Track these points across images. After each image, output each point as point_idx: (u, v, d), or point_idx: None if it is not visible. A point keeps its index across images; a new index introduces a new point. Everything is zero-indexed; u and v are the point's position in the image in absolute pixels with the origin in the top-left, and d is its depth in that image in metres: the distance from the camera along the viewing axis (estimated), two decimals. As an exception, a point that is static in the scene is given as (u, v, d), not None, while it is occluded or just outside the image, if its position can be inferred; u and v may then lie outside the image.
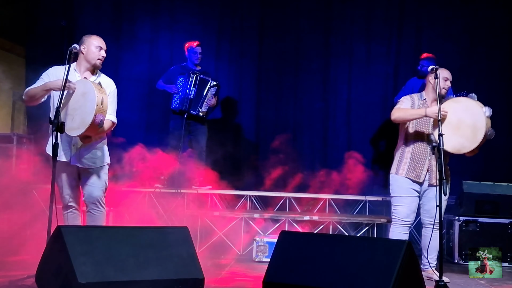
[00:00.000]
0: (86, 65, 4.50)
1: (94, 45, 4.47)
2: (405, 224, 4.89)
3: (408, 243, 3.23)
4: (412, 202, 4.88)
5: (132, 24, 8.12)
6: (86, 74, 4.51)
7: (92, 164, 4.51)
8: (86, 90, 4.24)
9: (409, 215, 4.88)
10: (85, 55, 4.47)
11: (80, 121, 4.21)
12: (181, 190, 6.85)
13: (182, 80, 6.96)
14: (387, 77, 7.88)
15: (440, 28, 7.83)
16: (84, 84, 4.31)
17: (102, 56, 4.50)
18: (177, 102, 6.95)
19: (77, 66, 4.52)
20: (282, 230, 4.53)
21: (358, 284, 3.16)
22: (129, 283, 3.17)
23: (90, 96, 4.19)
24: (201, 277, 3.42)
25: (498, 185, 6.34)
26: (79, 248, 3.12)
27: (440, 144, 4.17)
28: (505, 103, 7.69)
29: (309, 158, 7.87)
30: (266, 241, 5.83)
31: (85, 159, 4.48)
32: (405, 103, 4.93)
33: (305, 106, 7.99)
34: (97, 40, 4.51)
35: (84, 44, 4.47)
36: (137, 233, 3.47)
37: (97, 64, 4.50)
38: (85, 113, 4.19)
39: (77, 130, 4.24)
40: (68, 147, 4.43)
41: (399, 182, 4.92)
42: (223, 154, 7.64)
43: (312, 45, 8.04)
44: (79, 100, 4.25)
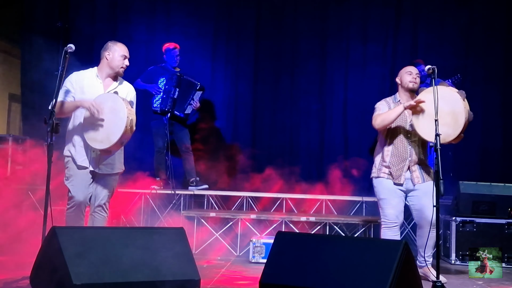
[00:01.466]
0: (108, 72, 4.54)
1: (119, 53, 4.52)
2: (395, 226, 4.87)
3: (405, 243, 3.22)
4: (399, 203, 4.86)
5: (128, 25, 8.11)
6: (108, 80, 4.55)
7: (110, 170, 4.56)
8: (117, 107, 4.29)
9: (397, 216, 4.86)
10: (109, 62, 4.52)
11: (105, 136, 4.28)
12: (178, 191, 6.83)
13: (164, 81, 6.94)
14: (383, 79, 7.88)
15: (436, 30, 7.84)
16: (115, 100, 4.34)
17: (125, 64, 4.56)
18: (158, 102, 6.93)
19: (99, 71, 4.56)
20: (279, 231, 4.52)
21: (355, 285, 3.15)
22: (125, 285, 3.15)
23: (121, 115, 4.25)
24: (197, 278, 3.40)
25: (495, 186, 6.34)
26: (74, 249, 3.10)
27: (437, 144, 4.16)
28: (500, 104, 7.71)
29: (306, 159, 7.86)
30: (263, 242, 5.81)
31: (103, 165, 4.52)
32: (382, 109, 4.91)
33: (302, 107, 7.98)
34: (122, 48, 4.55)
35: (109, 51, 4.52)
36: (133, 234, 3.46)
37: (120, 72, 4.55)
38: (112, 130, 4.25)
39: (100, 144, 4.31)
40: (89, 152, 4.47)
41: (382, 184, 4.90)
42: (219, 155, 7.64)
43: (308, 47, 8.03)
44: (107, 114, 4.29)
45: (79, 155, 4.47)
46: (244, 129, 8.01)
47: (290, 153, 7.88)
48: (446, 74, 7.04)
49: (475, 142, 7.50)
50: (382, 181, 4.89)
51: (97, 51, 7.99)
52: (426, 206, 4.70)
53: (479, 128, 7.63)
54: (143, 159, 7.52)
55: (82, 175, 4.48)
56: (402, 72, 4.98)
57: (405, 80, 4.89)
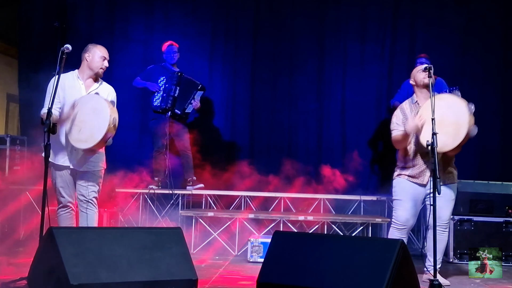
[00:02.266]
0: (89, 73, 4.67)
1: (99, 55, 4.68)
2: (403, 228, 4.79)
3: (401, 242, 3.22)
4: (413, 207, 4.77)
5: (126, 25, 8.10)
6: (89, 81, 4.68)
7: (91, 167, 4.64)
8: (99, 106, 4.42)
9: (408, 219, 4.77)
10: (88, 63, 4.66)
11: (88, 135, 4.39)
12: (175, 191, 6.83)
13: (164, 79, 6.94)
14: (381, 78, 7.88)
15: (434, 28, 7.84)
16: (97, 100, 4.49)
17: (105, 66, 4.72)
18: (159, 101, 6.92)
19: (79, 73, 4.69)
20: (276, 230, 4.53)
21: (352, 284, 3.15)
22: (122, 285, 3.14)
23: (103, 113, 4.37)
24: (194, 278, 3.40)
25: (493, 184, 6.34)
26: (71, 249, 3.10)
27: (433, 143, 4.15)
28: (498, 103, 7.72)
29: (304, 158, 7.85)
30: (261, 242, 5.81)
31: (84, 163, 4.60)
32: (397, 128, 4.77)
33: (300, 106, 7.97)
34: (101, 50, 4.70)
35: (89, 52, 4.67)
36: (130, 234, 3.45)
37: (100, 73, 4.69)
38: (95, 129, 4.37)
39: (84, 143, 4.42)
40: (69, 152, 4.56)
41: (401, 185, 4.81)
42: (217, 155, 7.64)
43: (306, 46, 8.03)
44: (90, 114, 4.41)
45: (60, 156, 4.57)
46: (242, 129, 8.01)
47: (288, 152, 7.88)
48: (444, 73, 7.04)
49: (473, 140, 7.46)
50: (401, 182, 4.81)
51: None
52: (441, 207, 4.60)
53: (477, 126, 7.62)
54: (141, 159, 7.52)
55: (64, 175, 4.60)
56: (414, 72, 4.86)
57: (419, 78, 4.78)
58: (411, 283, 3.36)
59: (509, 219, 6.07)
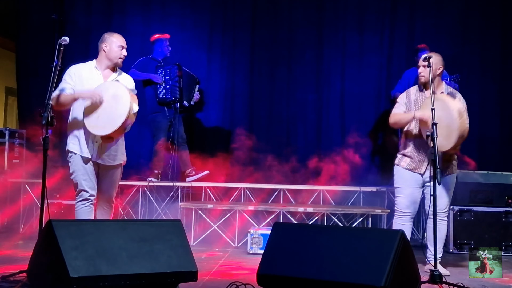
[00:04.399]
0: (107, 63, 4.53)
1: (116, 44, 4.52)
2: (405, 215, 4.84)
3: (402, 233, 3.22)
4: (412, 193, 4.82)
5: (123, 17, 8.07)
6: (106, 71, 4.55)
7: (112, 161, 4.55)
8: (119, 93, 4.33)
9: (408, 206, 4.82)
10: (106, 54, 4.51)
11: (107, 121, 4.29)
12: (175, 183, 6.82)
13: (162, 71, 6.89)
14: (380, 68, 7.86)
15: (433, 18, 7.81)
16: (117, 87, 4.39)
17: (123, 55, 4.56)
18: (163, 93, 6.86)
19: (97, 63, 4.56)
20: (276, 221, 4.52)
21: (353, 275, 3.15)
22: (122, 277, 3.14)
23: (123, 100, 4.28)
24: (194, 270, 3.40)
25: (492, 174, 6.34)
26: (70, 242, 3.09)
27: (433, 133, 4.14)
28: (497, 93, 7.70)
29: (303, 149, 7.85)
30: (261, 233, 5.81)
31: (106, 155, 4.51)
32: (399, 107, 4.87)
33: (298, 97, 7.96)
34: (119, 39, 4.55)
35: (106, 42, 4.52)
36: (130, 226, 3.44)
37: (119, 63, 4.56)
38: (115, 115, 4.28)
39: (102, 130, 4.32)
40: (91, 143, 4.46)
41: (400, 173, 4.89)
42: (216, 147, 7.62)
43: (304, 37, 8.00)
44: (109, 101, 4.31)
45: (83, 147, 4.45)
46: (241, 120, 7.98)
47: (287, 143, 7.87)
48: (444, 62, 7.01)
49: (472, 130, 7.43)
50: (400, 170, 4.88)
51: (92, 44, 8.01)
52: (439, 197, 4.58)
53: (476, 117, 7.61)
54: (140, 152, 7.51)
55: (87, 167, 4.46)
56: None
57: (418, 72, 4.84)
58: (412, 274, 3.36)
59: (509, 209, 6.08)
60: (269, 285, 3.39)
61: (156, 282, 3.28)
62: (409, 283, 3.31)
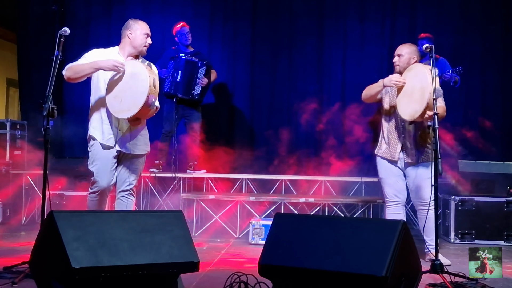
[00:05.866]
0: (130, 51, 4.39)
1: (142, 32, 4.37)
2: (395, 204, 4.87)
3: (403, 223, 3.21)
4: (395, 182, 4.86)
5: (123, 7, 8.04)
6: (129, 59, 4.38)
7: (136, 150, 4.41)
8: (136, 70, 4.16)
9: (396, 194, 4.86)
10: (131, 41, 4.37)
11: (131, 102, 4.11)
12: (177, 174, 6.83)
13: (172, 64, 6.90)
14: (381, 58, 7.83)
15: (435, 8, 7.78)
16: (133, 65, 4.22)
17: (148, 43, 4.40)
18: (167, 86, 6.89)
19: (120, 50, 4.42)
20: (277, 212, 4.52)
21: (354, 265, 3.15)
22: (123, 268, 3.14)
23: (142, 76, 4.11)
24: (196, 260, 3.40)
25: (494, 164, 6.34)
26: (72, 233, 3.09)
27: (434, 123, 4.13)
28: (499, 82, 7.68)
29: (304, 140, 7.84)
30: (262, 224, 5.82)
31: (129, 144, 4.38)
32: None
33: (299, 88, 7.94)
34: (143, 26, 4.41)
35: (131, 29, 4.37)
36: (131, 217, 3.44)
37: (143, 51, 4.41)
38: (137, 94, 4.10)
39: (128, 112, 4.14)
40: (114, 130, 4.33)
41: (379, 163, 4.95)
42: (218, 137, 7.62)
43: (305, 27, 7.98)
44: (128, 82, 4.16)
45: (106, 133, 4.32)
46: (242, 111, 7.98)
47: (288, 134, 7.86)
48: (445, 52, 7.00)
49: (474, 120, 7.48)
50: (379, 160, 4.96)
51: (92, 34, 8.03)
52: (420, 187, 4.72)
53: (478, 106, 7.61)
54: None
55: (107, 159, 4.33)
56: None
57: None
58: (413, 264, 3.37)
59: (510, 199, 6.08)
60: (271, 275, 3.39)
61: (158, 272, 3.28)
62: (410, 272, 3.31)
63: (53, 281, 3.11)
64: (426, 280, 4.03)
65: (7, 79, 10.84)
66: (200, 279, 4.06)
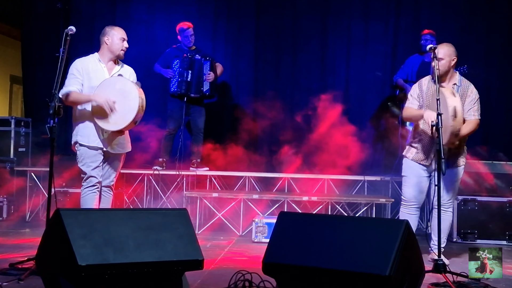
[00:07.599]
0: (109, 56, 4.67)
1: (118, 36, 4.68)
2: (411, 205, 4.83)
3: (406, 222, 3.23)
4: (417, 183, 4.81)
5: (128, 5, 8.06)
6: (110, 64, 4.69)
7: (121, 149, 4.74)
8: (126, 88, 4.48)
9: (415, 196, 4.81)
10: (109, 46, 4.65)
11: (118, 118, 4.45)
12: (180, 171, 6.85)
13: (177, 63, 6.89)
14: (385, 56, 7.84)
15: (439, 6, 7.78)
16: (123, 82, 4.54)
17: (125, 47, 4.71)
18: (175, 86, 6.88)
19: (100, 56, 4.69)
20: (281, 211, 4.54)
21: (357, 264, 3.16)
22: (129, 265, 3.16)
23: (131, 96, 4.44)
24: (200, 258, 3.42)
25: (497, 164, 6.34)
26: (78, 230, 3.11)
27: (439, 123, 4.14)
28: (503, 81, 7.67)
29: (308, 138, 7.83)
30: (265, 222, 5.84)
31: (115, 144, 4.68)
32: (412, 102, 4.80)
33: (303, 85, 7.94)
34: (119, 31, 4.69)
35: (108, 36, 4.66)
36: (137, 215, 3.46)
37: (121, 54, 4.71)
38: (125, 111, 4.44)
39: (114, 126, 4.49)
40: (100, 133, 4.59)
41: (407, 163, 4.89)
42: (222, 135, 7.63)
43: (309, 24, 7.98)
44: (117, 96, 4.44)
45: (92, 138, 4.59)
46: (246, 108, 7.99)
47: (292, 132, 7.86)
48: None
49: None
50: (407, 161, 4.88)
51: (97, 32, 7.95)
52: (443, 188, 4.59)
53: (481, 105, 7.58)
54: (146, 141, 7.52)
55: (95, 155, 4.60)
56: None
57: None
58: (416, 263, 3.38)
59: (513, 198, 6.09)
60: (275, 273, 3.41)
61: (163, 270, 3.30)
62: (414, 272, 3.33)
63: (60, 278, 3.13)
64: (429, 280, 4.05)
65: (11, 75, 10.86)
66: (204, 277, 4.08)
